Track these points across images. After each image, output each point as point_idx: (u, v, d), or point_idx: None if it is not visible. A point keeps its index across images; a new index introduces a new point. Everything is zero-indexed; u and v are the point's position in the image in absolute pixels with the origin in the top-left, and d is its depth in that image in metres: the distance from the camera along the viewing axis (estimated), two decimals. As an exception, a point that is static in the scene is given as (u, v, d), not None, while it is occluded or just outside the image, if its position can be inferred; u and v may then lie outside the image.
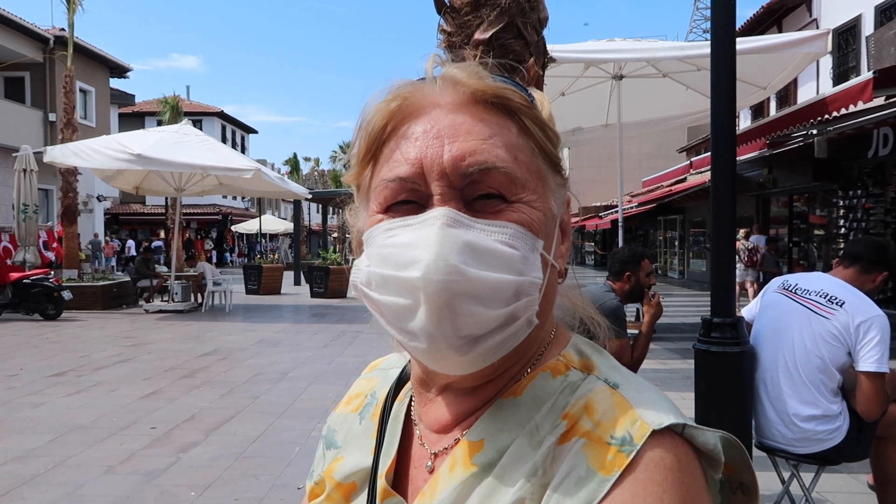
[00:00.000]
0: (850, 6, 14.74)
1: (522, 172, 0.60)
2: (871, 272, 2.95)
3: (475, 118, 0.60)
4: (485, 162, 0.58)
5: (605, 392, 0.59)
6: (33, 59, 22.65)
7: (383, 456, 0.70)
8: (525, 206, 0.59)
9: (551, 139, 0.64)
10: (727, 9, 3.40)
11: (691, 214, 23.03)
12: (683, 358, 8.04)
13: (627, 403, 0.58)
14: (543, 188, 0.62)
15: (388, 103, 0.62)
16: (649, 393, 0.60)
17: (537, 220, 0.60)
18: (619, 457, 0.54)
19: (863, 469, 3.72)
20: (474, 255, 0.55)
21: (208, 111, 40.46)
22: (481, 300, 0.55)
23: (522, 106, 0.62)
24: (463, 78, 0.61)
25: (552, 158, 0.64)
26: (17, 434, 5.22)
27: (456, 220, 0.57)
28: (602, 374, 0.62)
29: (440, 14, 3.29)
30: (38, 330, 11.33)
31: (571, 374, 0.63)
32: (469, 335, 0.56)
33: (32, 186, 14.05)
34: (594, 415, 0.58)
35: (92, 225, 27.12)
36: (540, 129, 0.63)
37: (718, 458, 0.57)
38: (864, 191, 11.79)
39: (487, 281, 0.55)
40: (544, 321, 0.64)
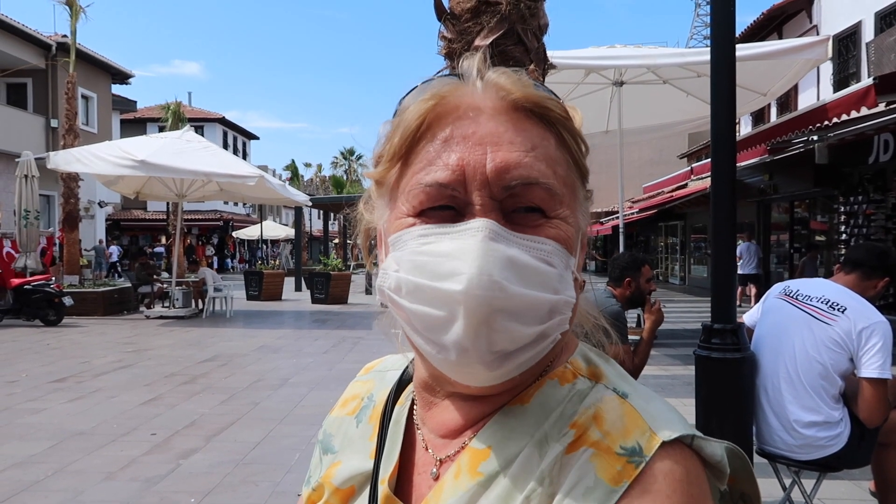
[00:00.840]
0: (851, 13, 14.78)
1: (560, 187, 0.59)
2: (872, 278, 2.95)
3: (517, 127, 0.59)
4: (528, 176, 0.57)
5: (614, 401, 0.59)
6: (36, 65, 22.73)
7: (384, 461, 0.69)
8: (562, 222, 0.59)
9: (583, 152, 0.64)
10: (727, 15, 3.40)
11: (692, 220, 23.03)
12: (684, 364, 8.03)
13: (637, 413, 0.57)
14: (575, 202, 0.62)
15: (426, 102, 0.60)
16: (658, 403, 0.60)
17: (571, 237, 0.59)
18: (628, 468, 0.54)
19: (864, 476, 3.71)
20: (515, 270, 0.55)
21: (210, 117, 40.56)
22: (518, 317, 0.55)
23: (561, 117, 0.61)
24: (507, 84, 0.60)
25: (583, 171, 0.64)
26: (17, 440, 5.21)
27: (498, 233, 0.55)
28: (611, 384, 0.62)
29: (440, 21, 3.30)
30: (38, 336, 11.33)
31: (579, 381, 0.62)
32: (501, 351, 0.56)
33: (34, 192, 14.08)
34: (603, 424, 0.57)
35: (93, 231, 27.16)
36: (575, 142, 0.62)
37: (724, 470, 0.57)
38: (865, 197, 11.79)
39: (526, 298, 0.55)
40: (565, 334, 0.63)
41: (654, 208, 22.01)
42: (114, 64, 26.75)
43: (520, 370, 0.59)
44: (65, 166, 12.87)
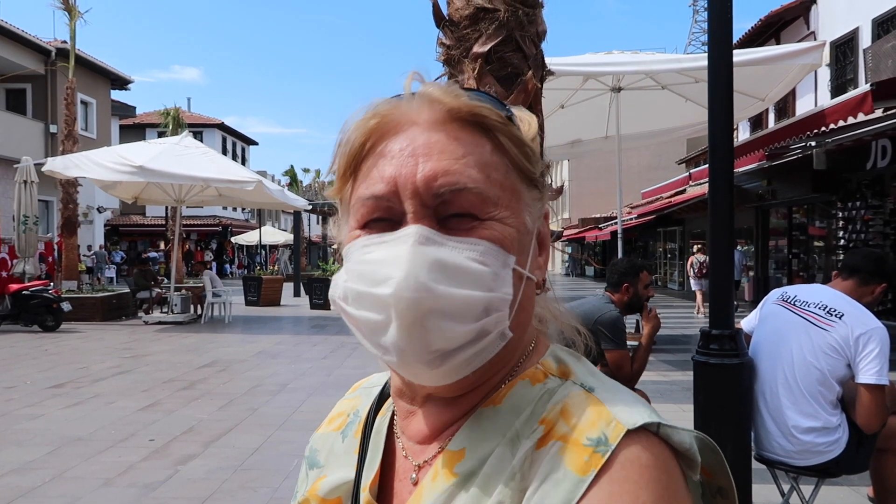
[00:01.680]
0: (848, 19, 14.84)
1: (495, 191, 0.61)
2: (869, 284, 2.95)
3: (450, 137, 0.61)
4: (456, 183, 0.59)
5: (580, 396, 0.61)
6: (35, 71, 22.78)
7: (366, 469, 0.70)
8: (497, 223, 0.60)
9: (528, 156, 0.64)
10: (724, 21, 3.42)
11: (691, 226, 23.06)
12: (682, 370, 8.03)
13: (602, 405, 0.59)
14: (517, 204, 0.63)
15: (367, 121, 0.63)
16: (624, 395, 0.61)
17: (509, 237, 0.61)
18: (594, 457, 0.55)
19: (863, 481, 3.71)
20: (444, 272, 0.57)
21: (209, 123, 40.59)
22: (451, 316, 0.57)
23: (498, 123, 0.62)
24: (439, 96, 0.62)
25: (528, 174, 0.65)
26: (14, 446, 5.20)
27: (428, 237, 0.58)
28: (578, 379, 0.63)
29: (439, 27, 3.31)
30: (36, 341, 11.31)
31: (549, 381, 0.64)
32: (439, 350, 0.58)
33: (33, 198, 14.08)
34: (570, 419, 0.59)
35: (92, 236, 27.15)
36: (516, 146, 0.63)
37: (695, 458, 0.57)
38: (863, 202, 11.82)
39: (457, 297, 0.57)
40: (522, 333, 0.65)
41: (653, 214, 22.04)
42: (113, 69, 26.80)
43: (469, 368, 0.60)
44: (64, 172, 12.87)
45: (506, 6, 3.14)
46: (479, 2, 3.14)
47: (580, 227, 36.88)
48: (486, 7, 3.14)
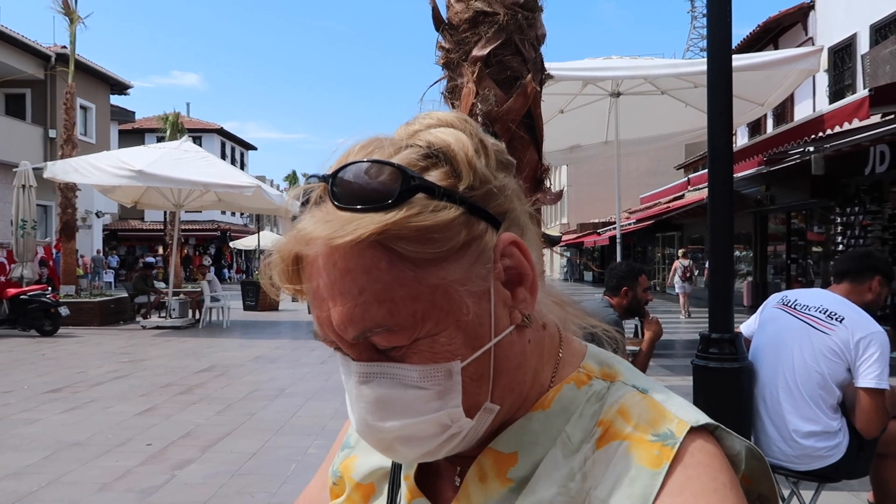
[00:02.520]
0: (846, 25, 14.89)
1: (407, 312, 0.54)
2: (863, 281, 2.94)
3: (341, 271, 0.54)
4: (363, 328, 0.54)
5: (636, 397, 0.62)
6: (34, 75, 22.80)
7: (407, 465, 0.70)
8: (424, 340, 0.55)
9: (435, 236, 0.54)
10: (724, 27, 3.43)
11: (689, 231, 23.08)
12: (682, 374, 8.02)
13: (661, 406, 0.60)
14: (445, 300, 0.55)
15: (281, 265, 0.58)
16: (678, 398, 0.63)
17: (444, 345, 0.56)
18: (664, 450, 0.56)
19: (863, 487, 3.70)
20: (387, 408, 0.57)
21: (208, 128, 40.64)
22: (410, 440, 0.58)
23: (378, 235, 0.52)
24: (312, 231, 0.55)
25: (443, 255, 0.55)
26: (11, 451, 5.18)
27: (368, 374, 0.57)
28: (629, 381, 0.64)
29: (438, 31, 3.32)
30: (34, 346, 11.28)
31: (595, 383, 0.64)
32: (420, 457, 0.61)
33: (31, 202, 14.07)
34: (631, 419, 0.60)
35: (91, 241, 27.13)
36: (414, 241, 0.53)
37: (739, 465, 0.60)
38: (861, 208, 11.83)
39: (406, 427, 0.57)
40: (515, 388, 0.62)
41: (652, 219, 22.06)
42: (112, 75, 26.83)
43: (466, 443, 0.60)
44: (62, 176, 12.87)
45: (505, 10, 3.14)
46: (478, 5, 3.14)
47: (579, 232, 36.91)
48: (486, 11, 3.15)
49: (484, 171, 0.58)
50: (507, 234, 0.59)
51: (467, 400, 0.57)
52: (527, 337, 0.62)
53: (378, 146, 0.58)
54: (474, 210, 0.56)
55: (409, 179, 0.54)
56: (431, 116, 0.62)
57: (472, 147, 0.58)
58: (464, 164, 0.57)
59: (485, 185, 0.58)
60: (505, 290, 0.59)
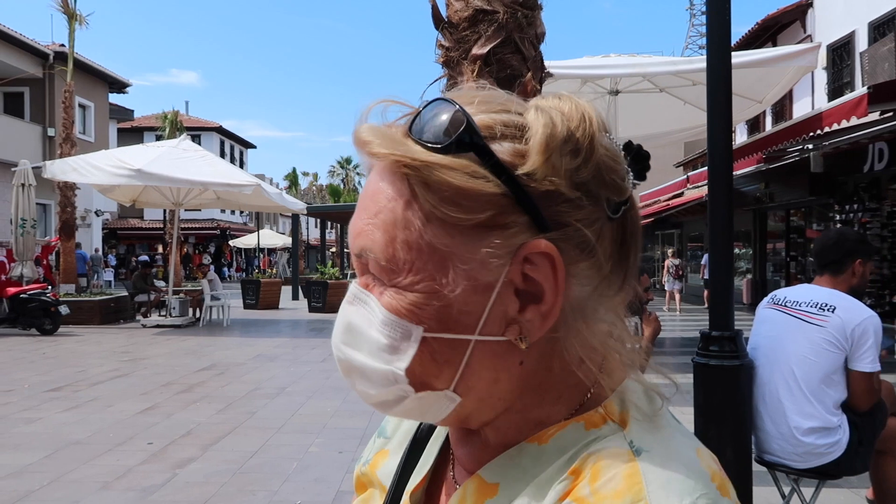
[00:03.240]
0: (844, 22, 14.89)
1: (400, 254, 0.53)
2: (844, 269, 2.93)
3: (373, 188, 0.55)
4: (362, 247, 0.55)
5: (621, 456, 0.51)
6: (33, 74, 22.76)
7: (417, 473, 0.68)
8: (400, 291, 0.54)
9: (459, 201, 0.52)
10: (722, 24, 3.43)
11: (689, 229, 23.09)
12: (682, 372, 8.02)
13: (639, 477, 0.49)
14: (434, 265, 0.53)
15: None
16: (678, 467, 0.50)
17: (412, 307, 0.53)
18: None
19: (863, 483, 3.71)
20: (353, 335, 0.57)
21: (207, 126, 40.62)
22: (364, 378, 0.57)
23: (411, 170, 0.52)
24: (366, 137, 0.55)
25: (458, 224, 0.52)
26: (12, 450, 5.19)
27: (355, 296, 0.57)
28: (630, 434, 0.53)
29: (438, 30, 3.32)
30: (34, 345, 11.28)
31: (607, 427, 0.55)
32: (375, 403, 0.58)
33: (31, 201, 14.06)
34: (597, 480, 0.50)
35: (90, 239, 27.11)
36: (435, 193, 0.52)
37: None
38: (860, 205, 11.84)
39: (359, 362, 0.56)
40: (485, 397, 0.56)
41: (651, 217, 22.06)
42: (111, 73, 26.80)
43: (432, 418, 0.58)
44: (61, 175, 12.86)
45: (505, 8, 3.15)
46: (477, 4, 3.15)
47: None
48: (485, 9, 3.15)
49: (562, 167, 0.52)
50: (545, 242, 0.52)
51: (420, 373, 0.54)
52: (519, 358, 0.55)
53: (489, 99, 0.56)
54: (521, 198, 0.52)
55: (468, 135, 0.51)
56: (567, 99, 0.56)
57: (561, 139, 0.52)
58: (538, 149, 0.51)
59: (552, 183, 0.52)
60: (515, 298, 0.54)
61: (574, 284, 0.54)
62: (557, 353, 0.56)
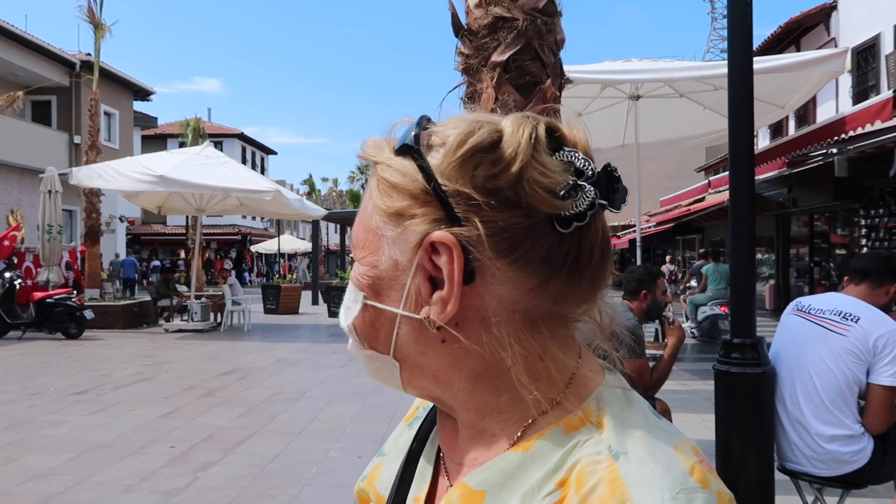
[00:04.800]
0: (869, 25, 14.68)
1: (361, 235, 0.65)
2: (882, 285, 2.92)
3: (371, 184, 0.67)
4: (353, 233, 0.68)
5: (601, 462, 0.54)
6: (60, 83, 23.21)
7: (419, 480, 0.70)
8: (357, 264, 0.66)
9: (389, 191, 0.61)
10: (744, 29, 3.41)
11: (710, 234, 22.87)
12: (703, 379, 7.94)
13: (619, 480, 0.51)
14: (376, 243, 0.63)
15: None
16: (655, 465, 0.53)
17: (361, 275, 0.65)
18: None
19: (889, 493, 3.64)
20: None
21: (229, 133, 41.05)
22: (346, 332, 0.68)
23: (372, 162, 0.64)
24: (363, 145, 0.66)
25: (386, 210, 0.61)
26: (38, 452, 5.27)
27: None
28: (608, 438, 0.56)
29: (458, 37, 3.34)
30: (60, 349, 11.47)
31: (585, 430, 0.58)
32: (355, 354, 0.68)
33: (57, 207, 14.32)
34: (582, 488, 0.53)
35: (114, 245, 27.51)
36: (378, 185, 0.63)
37: None
38: (886, 210, 11.65)
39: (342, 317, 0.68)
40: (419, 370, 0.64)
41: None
42: (135, 81, 27.23)
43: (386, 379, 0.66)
44: (87, 182, 13.08)
45: (524, 15, 3.15)
46: (497, 11, 3.16)
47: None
48: (505, 16, 3.17)
49: (470, 173, 0.57)
50: (445, 233, 0.57)
51: (363, 333, 0.65)
52: (440, 337, 0.60)
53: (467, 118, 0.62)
54: (438, 195, 0.58)
55: (409, 143, 0.61)
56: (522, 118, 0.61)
57: (472, 148, 0.57)
58: (445, 152, 0.58)
59: (460, 184, 0.57)
60: (427, 282, 0.60)
61: (499, 282, 0.58)
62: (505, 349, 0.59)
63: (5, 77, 21.69)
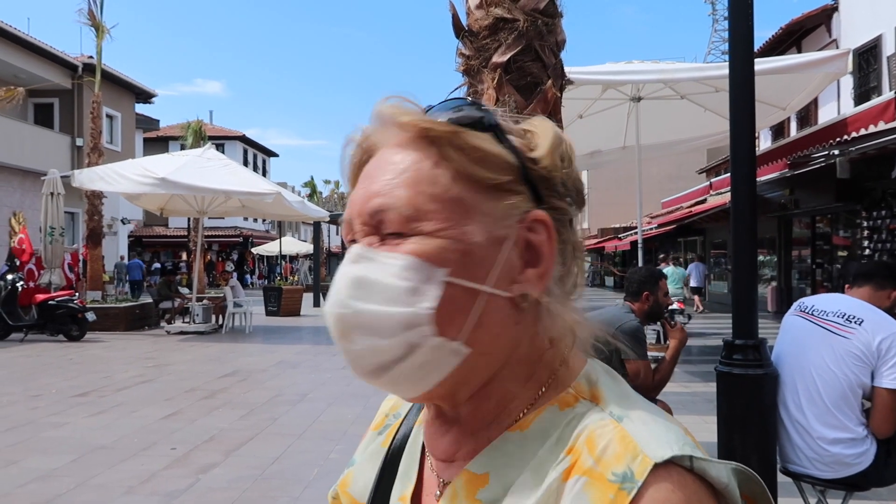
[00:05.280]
0: (871, 26, 14.66)
1: (425, 205, 0.59)
2: (884, 289, 2.92)
3: (395, 156, 0.62)
4: (382, 204, 0.60)
5: (607, 426, 0.57)
6: (62, 85, 23.25)
7: (403, 480, 0.70)
8: (424, 237, 0.59)
9: (486, 162, 0.60)
10: (745, 30, 3.40)
11: (712, 236, 22.84)
12: (705, 381, 7.93)
13: (629, 437, 0.55)
14: (459, 215, 0.59)
15: (348, 154, 0.67)
16: (656, 424, 0.57)
17: (437, 249, 0.58)
18: (620, 495, 0.52)
19: (892, 495, 3.63)
20: (363, 288, 0.59)
21: (230, 135, 41.08)
22: (370, 330, 0.58)
23: (444, 134, 0.60)
24: (391, 115, 0.62)
25: (482, 181, 0.60)
26: (39, 454, 5.27)
27: (360, 255, 0.60)
28: (607, 406, 0.60)
29: (459, 38, 3.34)
30: (61, 351, 11.48)
31: (580, 405, 0.61)
32: (371, 364, 0.59)
33: (59, 209, 14.34)
34: (595, 450, 0.56)
35: (116, 247, 27.53)
36: (464, 155, 0.60)
37: (733, 497, 0.54)
38: (888, 211, 11.62)
39: (371, 313, 0.58)
40: (491, 350, 0.61)
41: (673, 223, 21.86)
42: (137, 84, 27.28)
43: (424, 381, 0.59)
44: (89, 184, 13.11)
45: (525, 16, 3.15)
46: (498, 12, 3.16)
47: (600, 237, 36.69)
48: (506, 17, 3.16)
49: (557, 164, 0.63)
50: (544, 213, 0.61)
51: (438, 316, 0.57)
52: (516, 319, 0.61)
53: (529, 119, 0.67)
54: (528, 174, 0.62)
55: (489, 119, 0.62)
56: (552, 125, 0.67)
57: (559, 143, 0.64)
58: (546, 143, 0.63)
59: (550, 172, 0.62)
60: (519, 258, 0.61)
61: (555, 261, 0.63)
62: (536, 326, 0.63)
63: (7, 79, 21.70)
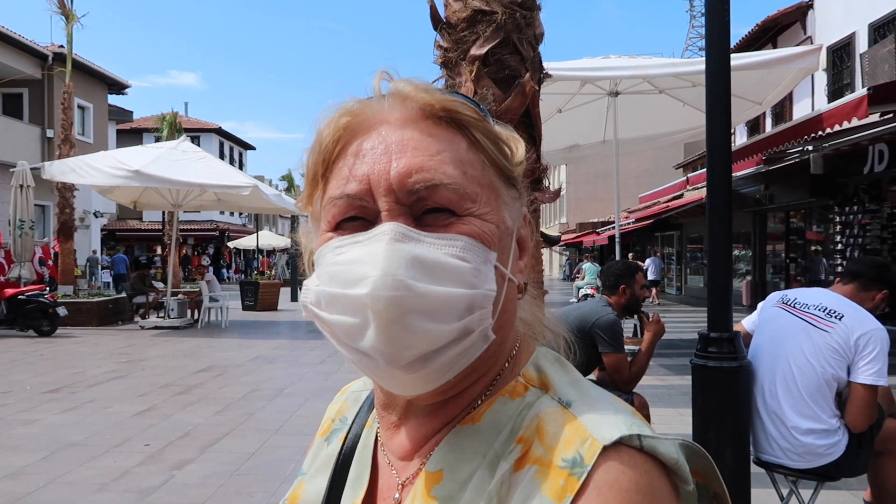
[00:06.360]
0: (845, 24, 14.89)
1: (472, 187, 0.58)
2: (870, 289, 2.96)
3: (424, 133, 0.59)
4: (431, 179, 0.56)
5: (556, 413, 0.57)
6: (32, 75, 22.74)
7: (354, 487, 0.68)
8: (476, 218, 0.58)
9: (505, 153, 0.62)
10: (721, 24, 3.42)
11: (688, 230, 23.08)
12: (681, 374, 8.01)
13: (577, 422, 0.55)
14: (496, 201, 0.60)
15: (338, 119, 0.61)
16: (604, 406, 0.57)
17: (489, 233, 0.58)
18: (570, 480, 0.52)
19: (861, 485, 3.70)
20: (423, 268, 0.54)
21: (206, 128, 40.59)
22: (432, 315, 0.54)
23: (473, 119, 0.60)
24: (411, 92, 0.60)
25: (505, 172, 0.62)
26: (9, 451, 5.17)
27: (405, 234, 0.55)
28: (556, 393, 0.60)
29: (436, 30, 3.31)
30: (32, 346, 11.26)
31: (530, 394, 0.61)
32: (420, 352, 0.54)
33: (29, 202, 14.05)
34: (545, 438, 0.55)
35: (88, 241, 27.08)
36: (491, 143, 0.61)
37: (683, 472, 0.54)
38: (860, 207, 11.83)
39: (438, 295, 0.54)
40: (504, 338, 0.62)
41: (651, 218, 22.07)
42: (110, 74, 26.78)
43: (451, 372, 0.57)
44: (60, 176, 12.85)
45: (503, 9, 3.13)
46: (476, 4, 3.13)
47: (578, 231, 36.89)
48: (484, 9, 3.14)
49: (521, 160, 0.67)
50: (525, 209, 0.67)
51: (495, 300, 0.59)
52: (516, 304, 0.64)
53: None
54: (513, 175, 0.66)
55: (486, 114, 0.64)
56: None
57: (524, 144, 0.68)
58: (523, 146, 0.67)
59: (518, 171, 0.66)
60: (518, 246, 0.64)
61: None
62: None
63: (-25, 69, 21.25)
